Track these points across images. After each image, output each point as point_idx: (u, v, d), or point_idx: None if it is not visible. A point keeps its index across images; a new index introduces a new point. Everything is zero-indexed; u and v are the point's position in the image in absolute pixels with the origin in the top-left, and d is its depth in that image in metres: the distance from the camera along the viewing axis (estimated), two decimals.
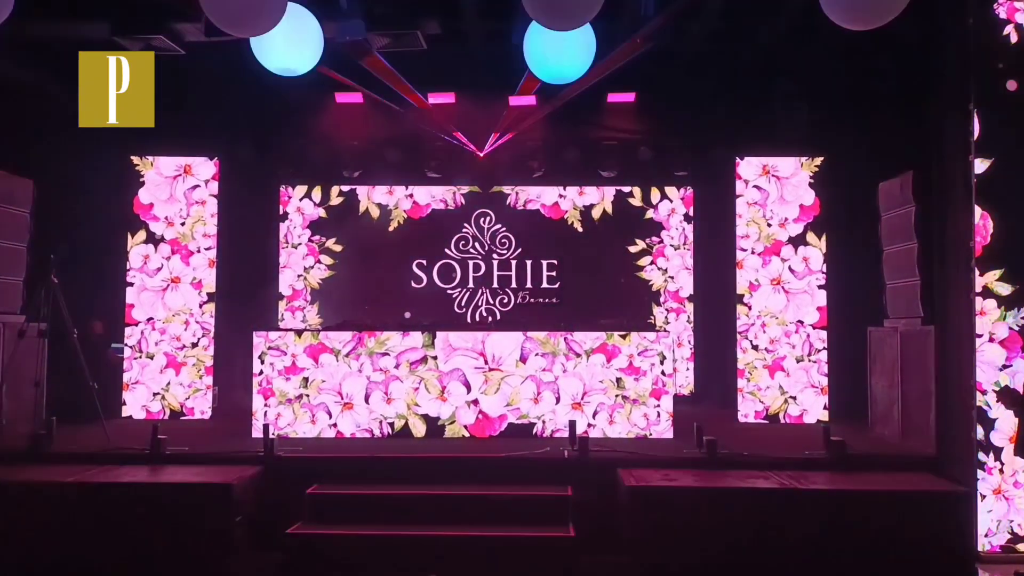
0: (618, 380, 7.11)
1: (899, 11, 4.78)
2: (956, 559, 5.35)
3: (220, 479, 5.65)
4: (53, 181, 7.70)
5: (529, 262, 9.47)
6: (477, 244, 9.50)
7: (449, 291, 9.43)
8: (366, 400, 7.10)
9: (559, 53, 6.20)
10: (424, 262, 9.47)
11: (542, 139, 8.90)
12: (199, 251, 8.53)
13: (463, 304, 9.38)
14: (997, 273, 5.57)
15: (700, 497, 5.51)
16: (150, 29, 6.52)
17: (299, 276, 9.47)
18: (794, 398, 8.14)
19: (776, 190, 8.33)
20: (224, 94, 8.13)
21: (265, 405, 7.07)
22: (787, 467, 5.96)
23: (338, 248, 9.49)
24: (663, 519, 5.38)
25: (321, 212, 9.52)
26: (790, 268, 8.27)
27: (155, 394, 8.35)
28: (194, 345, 8.44)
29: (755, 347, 8.23)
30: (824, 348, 8.18)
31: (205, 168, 8.61)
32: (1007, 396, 5.54)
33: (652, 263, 9.47)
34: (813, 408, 8.10)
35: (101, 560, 5.42)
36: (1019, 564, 5.30)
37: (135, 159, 8.54)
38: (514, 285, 9.46)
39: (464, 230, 9.53)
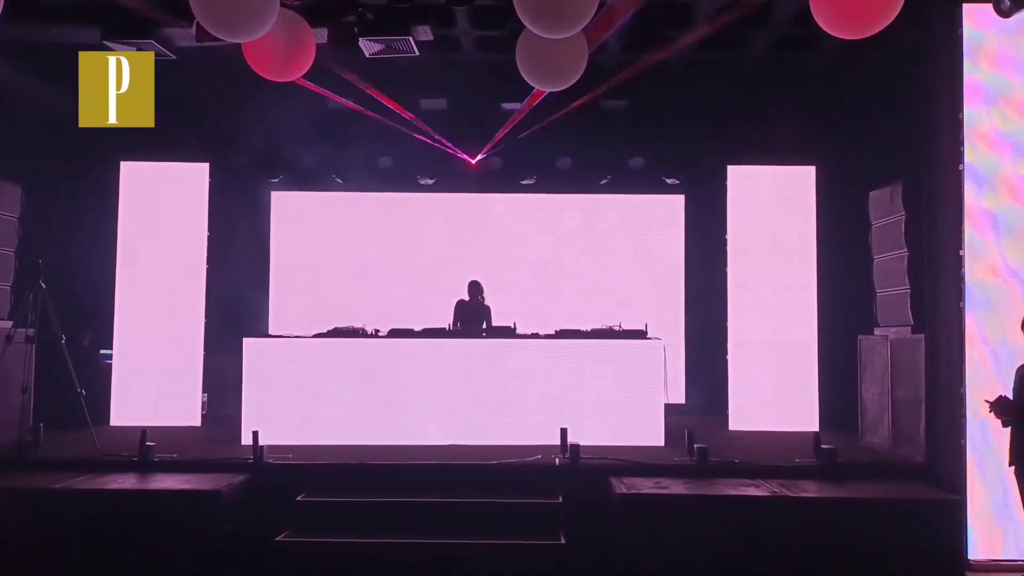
0: (610, 387, 7.09)
1: (890, 20, 4.79)
2: (946, 567, 5.35)
3: (209, 486, 5.61)
4: (42, 186, 7.66)
5: (524, 268, 9.48)
6: (472, 249, 9.48)
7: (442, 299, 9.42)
8: (357, 407, 7.06)
9: None
10: (418, 268, 9.45)
11: (534, 147, 8.90)
12: (190, 257, 8.47)
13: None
14: None
15: (691, 505, 5.49)
16: (141, 34, 6.51)
17: (292, 282, 9.43)
18: (785, 406, 8.14)
19: (767, 198, 8.35)
20: (215, 99, 8.10)
21: (255, 412, 7.01)
22: (778, 475, 5.97)
23: (331, 254, 9.45)
24: (654, 527, 5.37)
25: (313, 218, 9.49)
26: (781, 276, 8.28)
27: (144, 400, 8.26)
28: (184, 352, 8.37)
29: (746, 354, 8.22)
30: (815, 356, 8.19)
31: (196, 173, 8.57)
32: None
33: (647, 268, 9.48)
34: (804, 416, 8.09)
35: (88, 568, 5.36)
36: (1009, 572, 5.31)
37: (124, 164, 8.49)
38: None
39: (459, 235, 9.52)
